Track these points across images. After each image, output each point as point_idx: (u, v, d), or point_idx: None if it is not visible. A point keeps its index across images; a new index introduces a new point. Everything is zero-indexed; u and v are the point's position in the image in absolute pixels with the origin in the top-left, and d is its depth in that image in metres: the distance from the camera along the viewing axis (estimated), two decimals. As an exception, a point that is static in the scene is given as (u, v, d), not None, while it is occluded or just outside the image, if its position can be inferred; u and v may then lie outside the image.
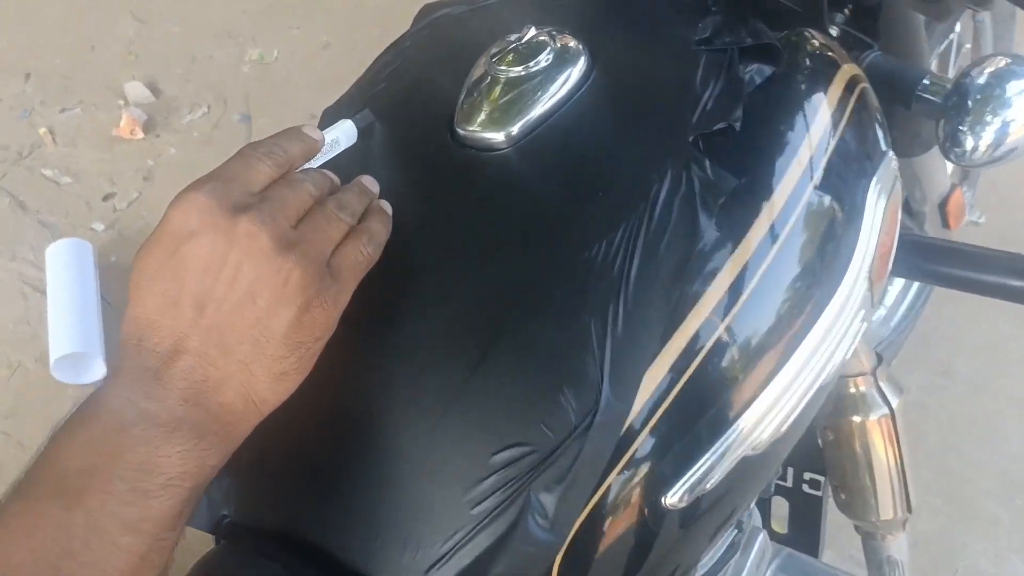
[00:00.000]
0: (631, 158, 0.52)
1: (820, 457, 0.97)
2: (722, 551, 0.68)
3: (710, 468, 0.49)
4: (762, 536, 0.83)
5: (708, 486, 0.49)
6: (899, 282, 1.49)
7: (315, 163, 0.52)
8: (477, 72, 0.58)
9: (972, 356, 1.58)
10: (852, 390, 0.88)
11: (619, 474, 0.47)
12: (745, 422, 0.50)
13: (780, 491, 1.03)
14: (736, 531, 0.69)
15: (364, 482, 0.49)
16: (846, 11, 0.81)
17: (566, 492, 0.46)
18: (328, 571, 0.48)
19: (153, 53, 2.30)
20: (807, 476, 1.02)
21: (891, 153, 0.60)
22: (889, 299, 1.49)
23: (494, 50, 0.58)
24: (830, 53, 0.60)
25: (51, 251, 1.79)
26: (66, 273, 1.73)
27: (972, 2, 0.42)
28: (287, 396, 0.47)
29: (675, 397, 0.48)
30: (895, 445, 0.90)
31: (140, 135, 2.10)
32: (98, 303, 1.72)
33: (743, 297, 0.49)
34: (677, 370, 0.48)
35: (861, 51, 0.79)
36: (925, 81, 0.76)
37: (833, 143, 0.54)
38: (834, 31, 0.81)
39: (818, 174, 0.53)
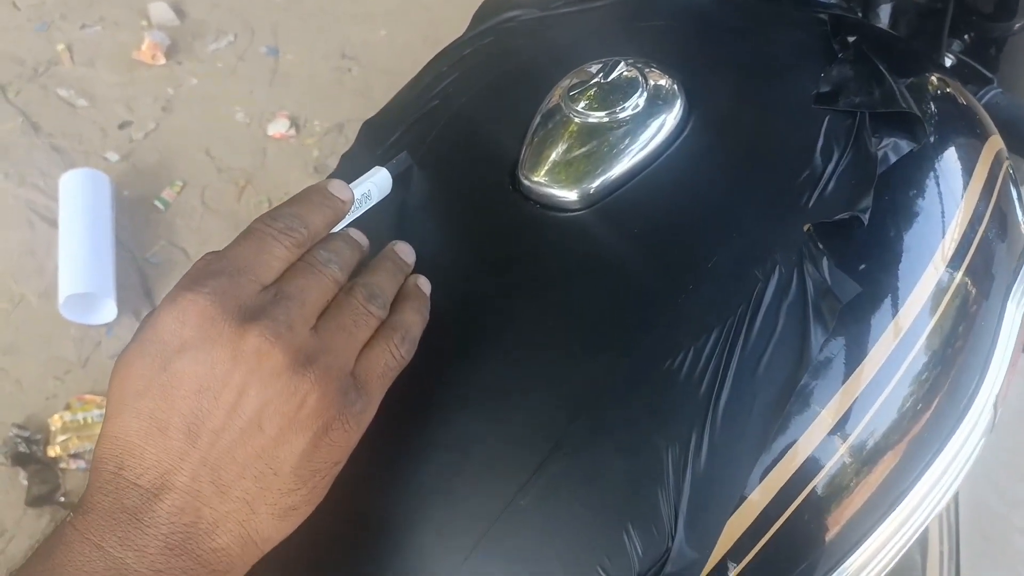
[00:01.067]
0: (731, 243, 0.43)
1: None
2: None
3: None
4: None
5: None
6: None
7: (342, 225, 0.44)
8: (549, 106, 0.49)
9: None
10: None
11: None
12: (849, 569, 0.42)
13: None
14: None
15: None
16: (966, 38, 0.71)
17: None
18: None
19: (180, -29, 2.18)
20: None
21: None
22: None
23: (571, 82, 0.49)
24: (975, 117, 0.50)
25: (66, 180, 1.71)
26: (82, 206, 1.65)
27: None
28: (292, 530, 0.39)
29: (761, 550, 0.40)
30: (954, 535, 0.83)
31: (161, 60, 2.00)
32: (112, 242, 1.65)
33: (855, 434, 0.41)
34: (768, 518, 0.40)
35: (979, 86, 0.69)
36: None
37: (977, 241, 0.45)
38: (949, 60, 0.71)
39: (958, 281, 0.44)
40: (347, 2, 2.10)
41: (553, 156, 0.47)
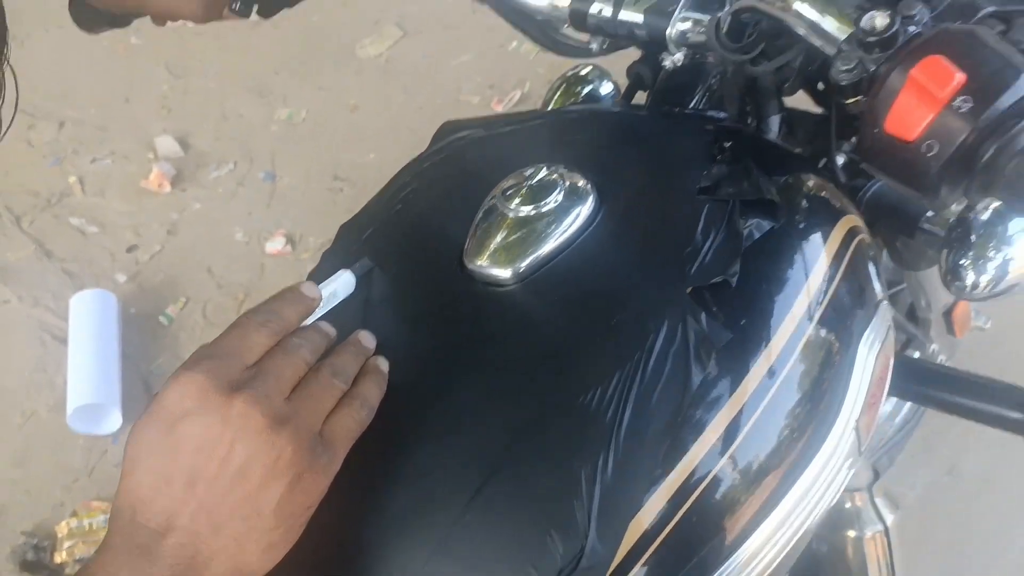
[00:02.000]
0: (631, 305, 0.54)
1: (815, 572, 0.98)
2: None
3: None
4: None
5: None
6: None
7: (313, 316, 0.55)
8: (487, 206, 0.61)
9: (976, 455, 1.58)
10: (848, 505, 0.89)
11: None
12: (727, 572, 0.51)
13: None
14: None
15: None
16: (854, 139, 0.84)
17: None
18: None
19: (186, 108, 2.36)
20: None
21: (886, 303, 0.62)
22: (888, 405, 1.50)
23: (506, 184, 0.61)
24: (831, 202, 0.62)
25: (76, 301, 1.83)
26: (89, 323, 1.77)
27: (969, 199, 0.45)
28: (273, 565, 0.48)
29: (658, 547, 0.50)
30: (889, 562, 0.91)
31: (167, 188, 2.16)
32: (119, 355, 1.76)
33: (729, 451, 0.51)
34: (662, 520, 0.50)
35: (867, 179, 0.81)
36: (929, 213, 0.78)
37: (828, 297, 0.56)
38: (841, 159, 0.83)
39: (812, 329, 0.55)
40: (338, 129, 2.27)
41: (491, 243, 0.59)
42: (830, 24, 0.50)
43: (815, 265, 0.57)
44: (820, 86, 0.76)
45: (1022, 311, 1.70)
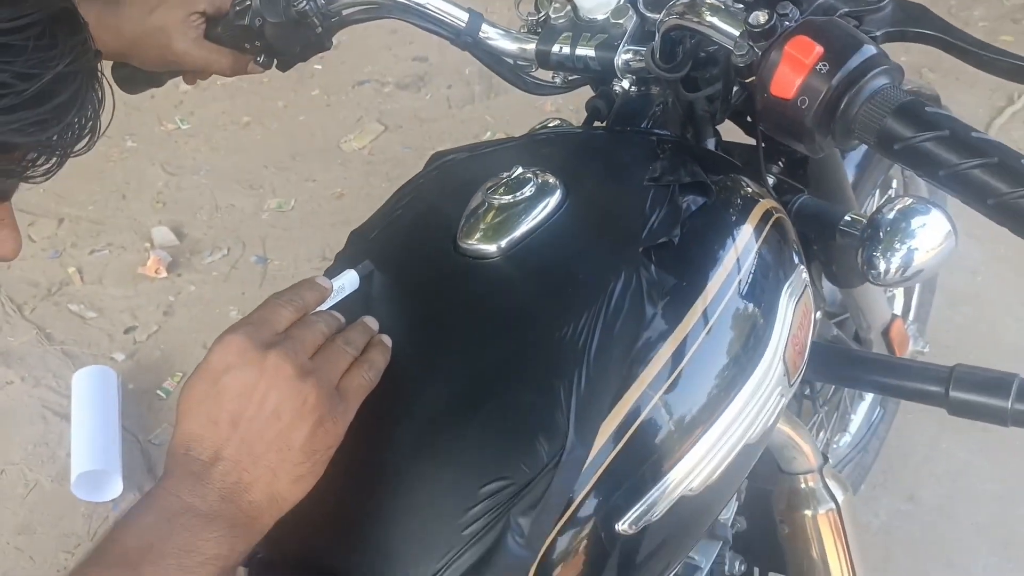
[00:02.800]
0: (594, 264, 0.67)
1: (779, 557, 1.08)
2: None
3: (654, 502, 0.62)
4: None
5: (653, 518, 0.62)
6: (861, 410, 1.63)
7: (325, 306, 0.67)
8: (475, 200, 0.75)
9: (935, 483, 1.69)
10: (802, 486, 1.01)
11: (581, 503, 0.60)
12: (681, 468, 0.63)
13: (748, 592, 1.13)
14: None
15: (373, 515, 0.61)
16: (780, 163, 0.99)
17: (539, 516, 0.58)
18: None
19: (180, 201, 2.51)
20: (770, 575, 1.13)
21: (802, 267, 0.75)
22: (853, 427, 1.63)
23: (489, 184, 0.75)
24: (753, 191, 0.77)
25: (78, 376, 1.92)
26: (91, 397, 1.86)
27: (837, 146, 0.58)
28: (303, 496, 0.59)
29: (625, 444, 0.62)
30: (843, 537, 1.01)
31: (163, 274, 2.28)
32: (119, 426, 1.84)
33: (679, 369, 0.64)
34: (627, 423, 0.62)
35: (793, 195, 0.96)
36: (846, 217, 0.93)
37: (753, 256, 0.70)
38: (772, 180, 0.98)
39: (741, 279, 0.68)
40: (327, 214, 2.42)
41: (479, 226, 0.72)
42: (728, 25, 0.65)
43: (740, 231, 0.71)
44: (748, 118, 0.91)
45: (961, 338, 1.84)
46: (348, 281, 0.70)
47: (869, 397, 1.64)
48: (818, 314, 1.21)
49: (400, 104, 2.75)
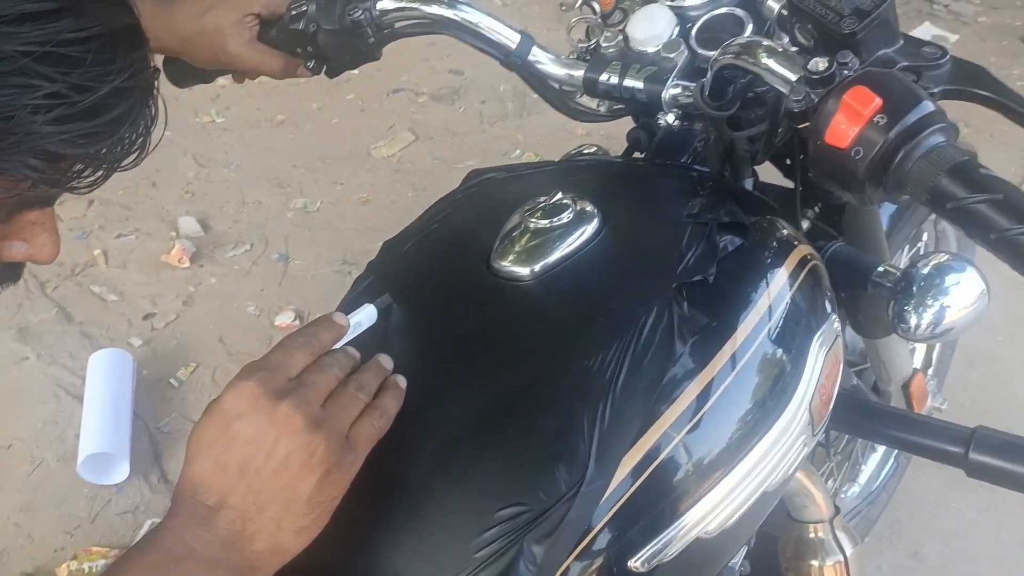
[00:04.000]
0: (627, 296, 0.67)
1: (784, 602, 1.06)
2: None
3: (669, 542, 0.61)
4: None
5: (666, 558, 0.61)
6: (872, 461, 1.61)
7: (341, 342, 0.66)
8: (512, 222, 0.74)
9: (940, 541, 1.67)
10: (811, 535, 0.99)
11: (596, 536, 0.59)
12: (699, 509, 0.62)
13: (748, 637, 1.12)
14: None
15: (386, 532, 0.61)
16: (816, 208, 0.99)
17: (553, 545, 0.58)
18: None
19: (209, 193, 2.52)
20: (772, 623, 1.11)
21: (835, 316, 0.74)
22: (863, 477, 1.61)
23: (527, 206, 0.74)
24: (790, 236, 0.76)
25: (95, 358, 1.93)
26: (106, 379, 1.87)
27: (887, 199, 0.58)
28: (305, 546, 0.59)
29: (644, 480, 0.61)
30: (848, 589, 1.00)
31: (186, 264, 2.29)
32: (130, 411, 1.84)
33: (703, 410, 0.63)
34: (648, 460, 0.61)
35: (827, 241, 0.96)
36: (880, 268, 0.92)
37: (786, 301, 0.69)
38: (806, 224, 0.98)
39: (772, 323, 0.68)
40: (351, 218, 2.43)
41: (514, 249, 0.72)
42: (786, 70, 0.65)
43: (775, 275, 0.70)
44: (787, 161, 0.91)
45: (977, 397, 1.83)
46: (366, 316, 0.69)
47: (881, 449, 1.62)
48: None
49: (433, 115, 2.76)
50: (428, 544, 0.60)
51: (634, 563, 0.60)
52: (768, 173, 0.92)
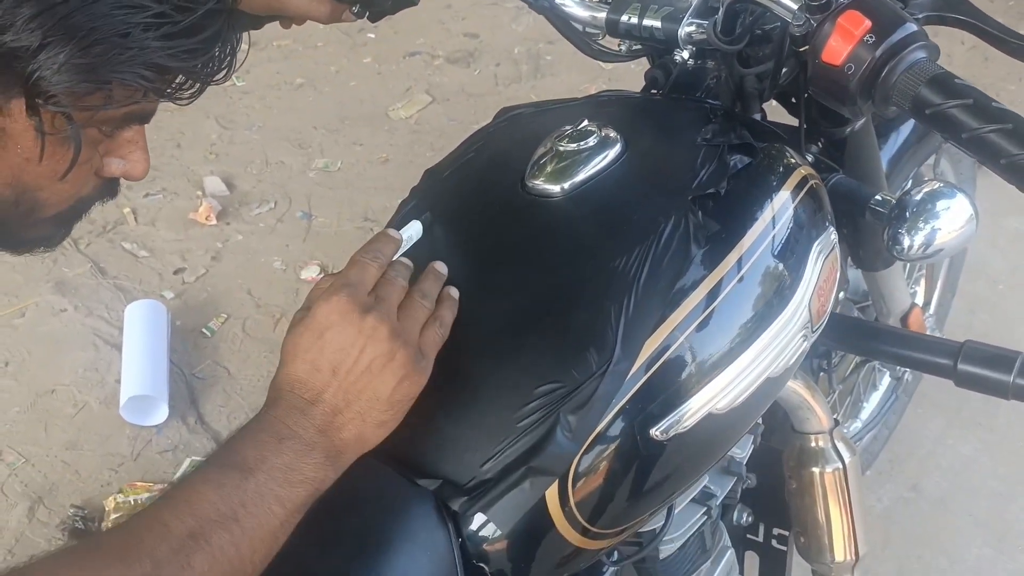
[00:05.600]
0: (647, 208, 0.76)
1: (786, 515, 1.16)
2: (692, 531, 0.88)
3: (684, 414, 0.71)
4: (729, 554, 1.02)
5: (682, 429, 0.71)
6: (874, 399, 1.70)
7: (399, 252, 0.76)
8: (543, 148, 0.83)
9: (939, 475, 1.76)
10: (812, 444, 1.09)
11: (622, 408, 0.69)
12: (711, 388, 0.72)
13: (752, 546, 1.22)
14: (706, 517, 0.89)
15: (439, 407, 0.71)
16: (819, 143, 1.07)
17: (585, 415, 0.68)
18: (412, 470, 0.69)
19: (232, 154, 2.61)
20: (776, 532, 1.21)
21: (832, 229, 0.84)
22: (865, 414, 1.70)
23: (556, 134, 0.84)
24: (794, 159, 0.85)
25: (131, 308, 2.03)
26: (142, 328, 1.97)
27: (876, 110, 0.66)
28: (383, 438, 0.68)
29: (663, 362, 0.71)
30: (846, 495, 1.10)
31: (213, 221, 2.39)
32: (167, 358, 1.95)
33: (714, 304, 0.73)
34: (667, 344, 0.71)
35: (829, 173, 1.04)
36: (876, 197, 1.01)
37: (788, 213, 0.79)
38: (810, 158, 1.06)
39: (776, 231, 0.77)
40: (371, 177, 2.52)
41: (546, 169, 0.81)
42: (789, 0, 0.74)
43: (779, 191, 0.80)
44: (792, 100, 0.99)
45: (973, 328, 1.91)
46: (415, 231, 0.79)
47: (882, 386, 1.72)
48: (841, 294, 1.29)
49: (449, 77, 2.84)
50: (476, 416, 0.69)
51: (654, 432, 0.70)
52: (775, 114, 1.01)
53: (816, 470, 1.09)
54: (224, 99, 2.78)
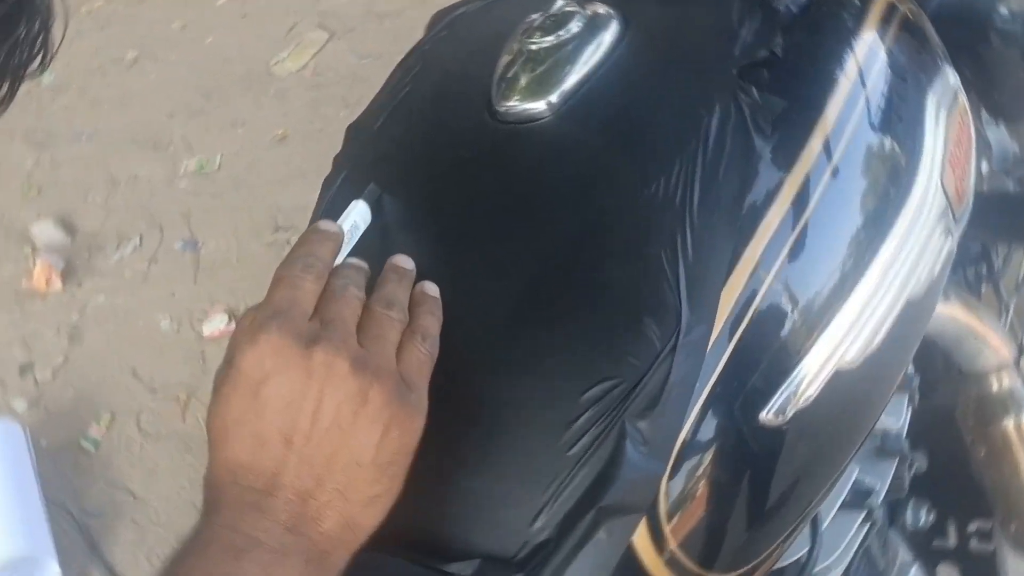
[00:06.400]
0: (677, 100, 0.77)
1: (981, 499, 1.17)
2: (854, 550, 0.89)
3: (802, 381, 0.71)
4: (914, 572, 1.03)
5: (804, 403, 0.71)
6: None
7: (341, 255, 0.75)
8: (509, 52, 0.84)
9: None
10: (995, 388, 1.10)
11: (711, 394, 0.70)
12: (830, 336, 0.73)
13: (944, 555, 1.23)
14: (868, 525, 0.90)
15: (454, 459, 0.71)
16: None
17: (660, 416, 0.68)
18: (435, 555, 0.70)
19: (60, 182, 2.63)
20: (973, 527, 1.21)
21: (948, 67, 0.84)
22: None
23: (522, 29, 0.84)
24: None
25: (-30, 439, 2.05)
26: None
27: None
28: (382, 518, 0.68)
29: (754, 314, 0.71)
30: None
31: (58, 285, 2.40)
32: (40, 497, 1.96)
33: (806, 214, 0.73)
34: (752, 288, 0.71)
35: (926, -3, 1.05)
36: (1002, 11, 1.02)
37: (881, 60, 0.79)
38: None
39: (869, 92, 0.78)
40: (267, 169, 2.53)
41: (520, 81, 0.81)
42: None
43: (859, 32, 0.80)
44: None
45: None
46: (359, 215, 0.79)
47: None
48: (984, 164, 1.30)
49: (346, -2, 2.86)
50: (509, 456, 0.70)
51: (766, 416, 0.71)
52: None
53: (1008, 422, 1.10)
54: (30, 106, 2.79)
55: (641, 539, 0.69)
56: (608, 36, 0.82)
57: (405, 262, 0.77)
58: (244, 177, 2.54)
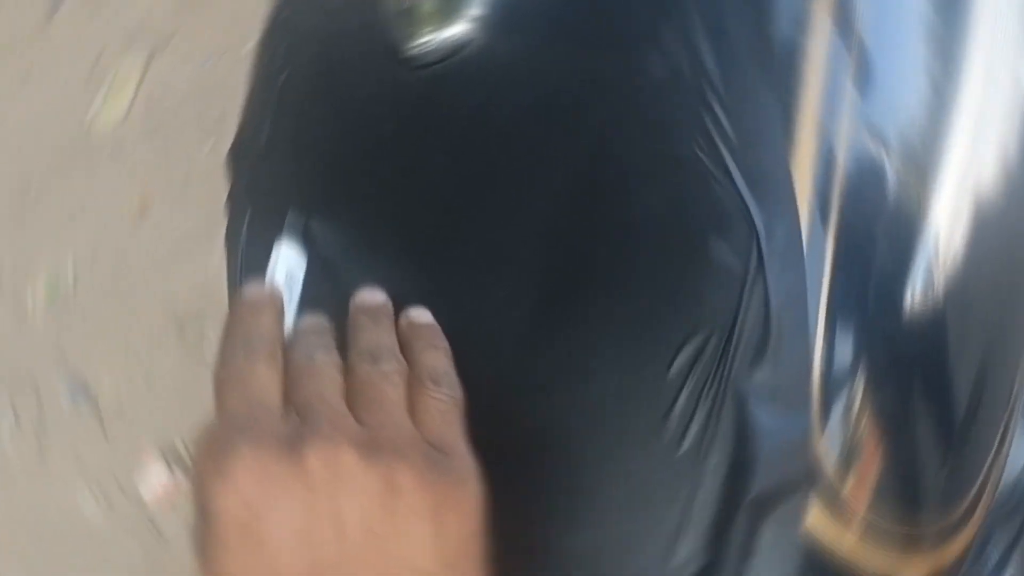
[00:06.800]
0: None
1: None
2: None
3: (939, 237, 0.72)
4: None
5: (954, 263, 0.72)
6: None
7: (289, 316, 0.77)
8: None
9: None
10: None
11: (831, 302, 0.70)
12: (949, 161, 0.73)
13: None
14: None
15: (541, 513, 0.73)
16: None
17: (777, 357, 0.69)
18: None
19: None
20: None
21: None
22: None
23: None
24: None
25: None
26: None
27: None
28: None
29: (844, 178, 0.71)
30: None
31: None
32: None
33: (857, 18, 0.73)
34: (827, 145, 0.71)
35: None
36: None
37: None
38: None
39: None
40: (137, 256, 2.53)
41: (422, 7, 0.82)
42: None
43: None
44: None
45: None
46: (290, 260, 0.81)
47: None
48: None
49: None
50: (609, 485, 0.71)
51: (911, 301, 0.71)
52: None
53: None
54: None
55: (818, 520, 0.70)
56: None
57: (373, 296, 0.78)
58: (112, 279, 2.54)
